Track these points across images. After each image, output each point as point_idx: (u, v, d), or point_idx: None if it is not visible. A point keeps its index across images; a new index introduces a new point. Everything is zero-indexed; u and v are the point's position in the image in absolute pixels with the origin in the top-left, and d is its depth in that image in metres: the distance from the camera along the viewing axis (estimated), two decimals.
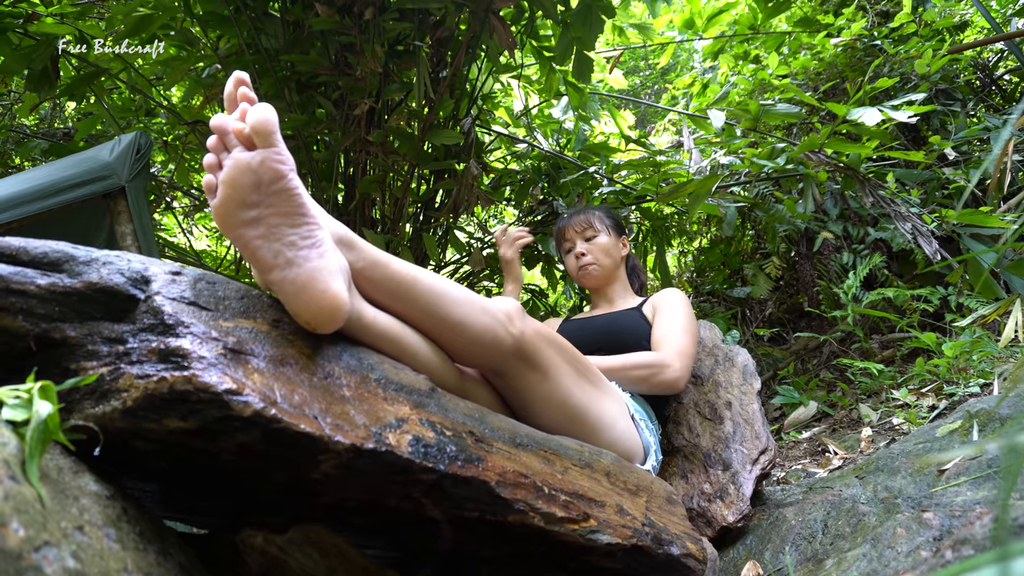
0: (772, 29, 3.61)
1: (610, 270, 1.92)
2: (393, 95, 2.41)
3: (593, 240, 1.92)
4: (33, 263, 0.70)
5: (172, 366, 0.66)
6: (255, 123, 0.75)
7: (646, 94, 6.49)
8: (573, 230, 1.95)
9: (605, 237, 1.92)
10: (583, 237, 1.93)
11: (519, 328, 1.05)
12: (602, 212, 1.98)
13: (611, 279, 1.94)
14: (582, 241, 1.93)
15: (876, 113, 1.98)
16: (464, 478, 0.80)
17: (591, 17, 2.26)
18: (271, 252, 0.78)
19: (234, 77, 0.80)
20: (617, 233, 1.96)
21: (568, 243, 1.97)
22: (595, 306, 1.99)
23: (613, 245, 1.93)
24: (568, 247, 1.97)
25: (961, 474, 1.15)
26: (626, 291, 1.97)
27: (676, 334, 1.61)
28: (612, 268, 1.92)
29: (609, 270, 1.92)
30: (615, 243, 1.94)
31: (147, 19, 2.39)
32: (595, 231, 1.92)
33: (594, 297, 2.00)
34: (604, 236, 1.92)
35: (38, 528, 0.49)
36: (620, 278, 1.97)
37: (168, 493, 0.83)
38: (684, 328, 1.64)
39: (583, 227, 1.93)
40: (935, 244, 2.07)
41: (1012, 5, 3.63)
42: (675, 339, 1.60)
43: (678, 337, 1.60)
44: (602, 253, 1.90)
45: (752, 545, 1.32)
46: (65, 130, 3.98)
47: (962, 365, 2.06)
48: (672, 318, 1.67)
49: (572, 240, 1.95)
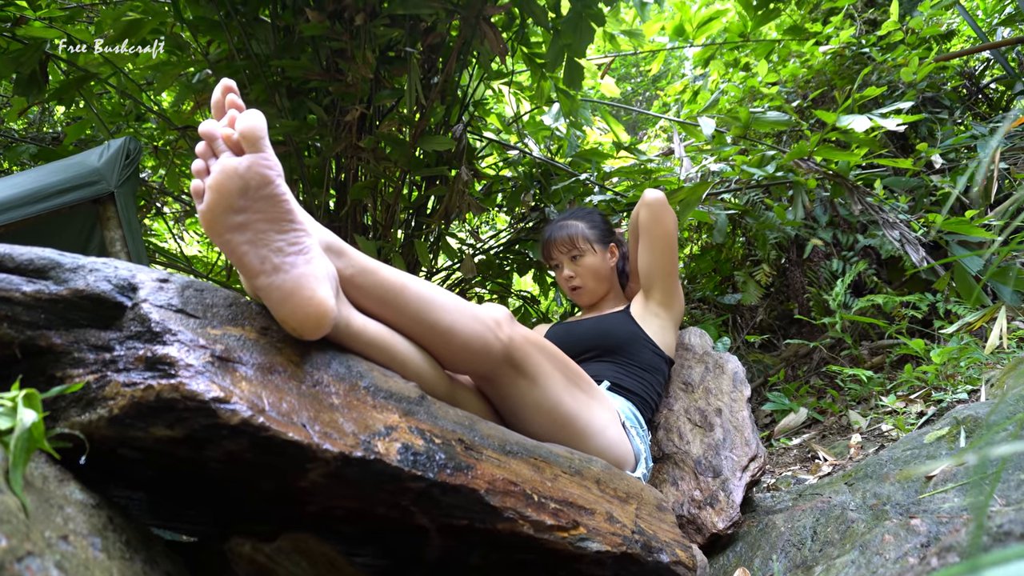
0: (762, 37, 3.63)
1: (602, 289, 1.88)
2: (384, 101, 2.41)
3: (579, 260, 1.85)
4: (19, 270, 0.70)
5: (159, 374, 0.66)
6: (244, 129, 0.75)
7: (637, 101, 6.52)
8: (558, 250, 1.87)
9: (591, 256, 1.85)
10: (568, 257, 1.86)
11: (508, 334, 1.06)
12: (585, 224, 1.88)
13: (603, 294, 1.90)
14: (569, 262, 1.86)
15: (865, 120, 2.00)
16: (453, 486, 0.80)
17: (581, 24, 2.27)
18: (258, 258, 0.78)
19: (222, 84, 0.80)
20: (604, 244, 1.88)
21: (555, 261, 1.90)
22: (585, 311, 1.96)
23: (601, 261, 1.86)
24: (555, 264, 1.91)
25: (949, 480, 1.16)
26: (617, 297, 1.93)
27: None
28: (604, 286, 1.88)
29: (601, 290, 1.88)
30: (603, 258, 1.87)
31: (137, 24, 2.39)
32: (580, 251, 1.85)
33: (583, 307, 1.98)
34: (590, 255, 1.85)
35: (21, 538, 0.49)
36: (614, 288, 1.93)
37: (155, 502, 0.82)
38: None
39: (567, 248, 1.85)
40: (922, 252, 2.09)
41: (998, 15, 3.68)
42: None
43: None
44: (590, 275, 1.85)
45: (742, 552, 1.32)
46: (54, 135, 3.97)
47: (950, 371, 2.07)
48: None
49: (558, 259, 1.89)
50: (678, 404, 1.72)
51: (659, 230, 1.67)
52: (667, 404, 1.74)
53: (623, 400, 1.53)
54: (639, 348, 1.65)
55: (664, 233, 1.68)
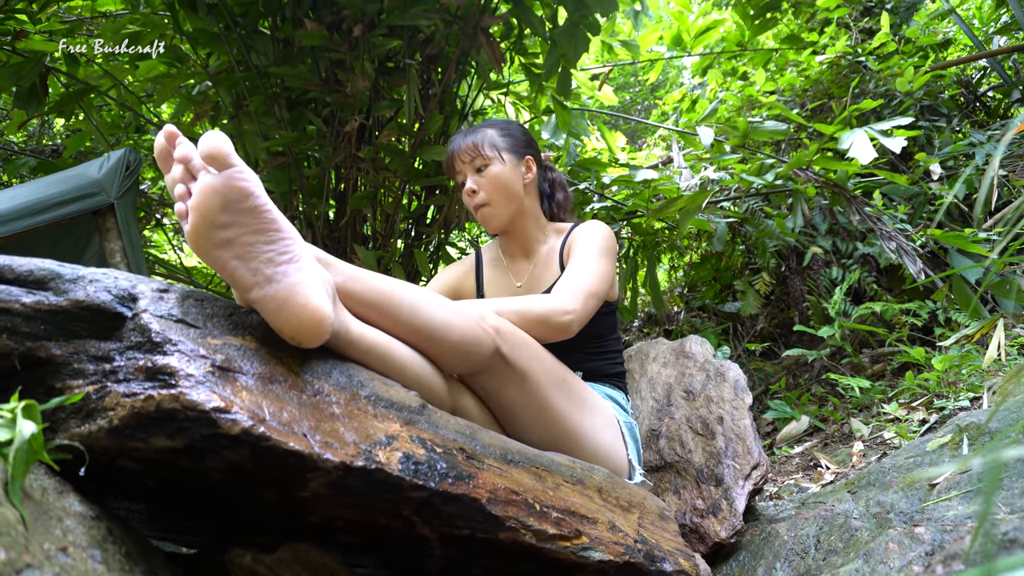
0: (759, 46, 3.65)
1: (512, 209, 1.56)
2: (383, 111, 2.41)
3: (485, 171, 1.52)
4: (18, 281, 0.70)
5: (159, 384, 0.66)
6: (208, 149, 0.75)
7: (636, 110, 6.55)
8: (460, 159, 1.54)
9: (499, 165, 1.52)
10: (472, 168, 1.53)
11: (493, 324, 1.08)
12: (496, 131, 1.56)
13: (517, 217, 1.59)
14: (473, 173, 1.54)
15: (865, 139, 1.99)
16: (455, 495, 0.80)
17: (577, 34, 2.28)
18: (249, 271, 0.78)
19: (164, 132, 0.79)
20: (517, 155, 1.56)
21: (460, 175, 1.57)
22: (510, 255, 1.66)
23: (512, 173, 1.53)
24: (461, 180, 1.58)
25: (952, 488, 1.15)
26: (541, 230, 1.64)
27: (577, 273, 1.39)
28: (514, 205, 1.56)
29: (510, 209, 1.56)
30: (514, 169, 1.54)
31: (136, 36, 2.40)
32: (485, 159, 1.52)
33: (505, 242, 1.67)
34: (498, 164, 1.52)
35: (20, 550, 0.48)
36: (530, 212, 1.61)
37: (155, 513, 0.82)
38: (588, 265, 1.42)
39: (470, 156, 1.52)
40: (919, 263, 2.09)
41: (994, 23, 3.70)
42: (574, 279, 1.37)
43: (578, 276, 1.38)
44: (497, 189, 1.52)
45: (745, 561, 1.31)
46: (53, 147, 3.98)
47: (952, 379, 2.07)
48: (579, 256, 1.45)
49: (462, 171, 1.56)
50: (680, 412, 1.71)
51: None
52: (669, 413, 1.73)
53: (603, 388, 1.51)
54: (597, 322, 1.50)
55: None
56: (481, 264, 1.71)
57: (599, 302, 1.38)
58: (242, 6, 2.28)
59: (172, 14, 2.31)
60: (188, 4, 2.27)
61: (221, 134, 0.77)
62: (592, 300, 1.35)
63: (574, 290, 1.33)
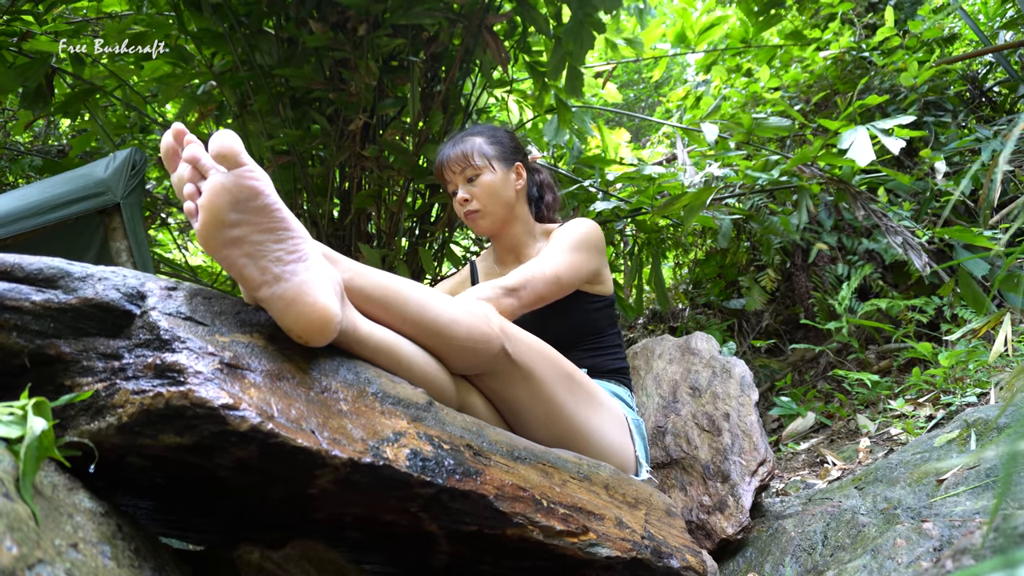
0: (763, 43, 3.64)
1: (503, 214, 1.60)
2: (387, 110, 2.42)
3: (476, 180, 1.56)
4: (28, 279, 0.70)
5: (168, 381, 0.66)
6: (219, 148, 0.76)
7: (640, 107, 6.53)
8: (450, 169, 1.58)
9: (490, 174, 1.56)
10: (464, 178, 1.57)
11: (498, 323, 1.08)
12: (484, 140, 1.60)
13: (507, 223, 1.63)
14: (464, 183, 1.58)
15: (866, 138, 1.98)
16: (462, 492, 0.80)
17: (582, 32, 2.28)
18: (258, 269, 0.78)
19: (173, 130, 0.80)
20: (507, 163, 1.60)
21: (451, 185, 1.61)
22: (503, 263, 1.70)
23: (503, 181, 1.58)
24: (452, 190, 1.62)
25: (960, 484, 1.15)
26: (531, 234, 1.67)
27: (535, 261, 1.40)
28: (505, 211, 1.60)
29: (502, 215, 1.60)
30: (505, 177, 1.59)
31: (141, 36, 2.41)
32: (476, 169, 1.56)
33: (496, 248, 1.71)
34: (489, 174, 1.56)
35: (32, 546, 0.49)
36: (520, 217, 1.65)
37: (164, 509, 0.82)
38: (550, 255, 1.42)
39: (460, 166, 1.57)
40: (925, 257, 2.08)
41: (1000, 18, 3.68)
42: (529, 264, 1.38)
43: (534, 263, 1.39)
44: (489, 198, 1.56)
45: (752, 557, 1.31)
46: (60, 147, 3.99)
47: (958, 375, 2.07)
48: (546, 249, 1.46)
49: (452, 181, 1.60)
50: (685, 409, 1.71)
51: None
52: (675, 409, 1.73)
53: (607, 384, 1.51)
54: (592, 317, 1.54)
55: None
56: (476, 275, 1.76)
57: (559, 288, 1.39)
58: (246, 6, 2.29)
59: (176, 14, 2.32)
60: (192, 4, 2.27)
61: (232, 133, 0.77)
62: (547, 286, 1.36)
63: (523, 272, 1.35)
